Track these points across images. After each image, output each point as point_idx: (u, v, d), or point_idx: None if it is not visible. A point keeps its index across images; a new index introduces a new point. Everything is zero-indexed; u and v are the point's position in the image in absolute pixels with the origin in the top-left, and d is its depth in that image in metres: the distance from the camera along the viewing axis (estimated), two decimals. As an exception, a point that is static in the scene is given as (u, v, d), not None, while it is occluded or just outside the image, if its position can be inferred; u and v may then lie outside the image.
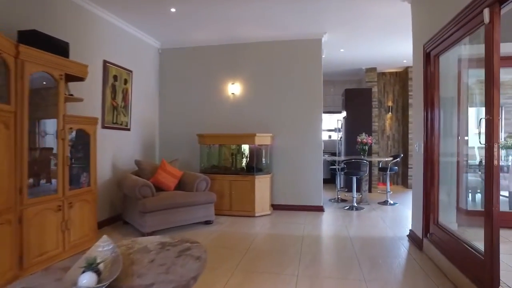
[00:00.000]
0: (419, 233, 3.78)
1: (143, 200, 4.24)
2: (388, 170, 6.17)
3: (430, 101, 3.54)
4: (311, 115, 5.76)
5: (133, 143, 5.52)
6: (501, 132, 8.37)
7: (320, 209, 5.72)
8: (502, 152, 5.43)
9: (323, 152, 9.32)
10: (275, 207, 5.81)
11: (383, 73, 8.90)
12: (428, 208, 3.57)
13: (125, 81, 5.26)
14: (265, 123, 5.89)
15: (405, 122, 8.51)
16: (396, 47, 6.73)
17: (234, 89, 5.99)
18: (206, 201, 4.82)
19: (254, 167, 5.40)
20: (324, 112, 9.94)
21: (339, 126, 8.20)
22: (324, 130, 9.91)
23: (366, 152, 6.35)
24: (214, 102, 6.10)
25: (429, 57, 3.58)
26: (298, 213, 5.60)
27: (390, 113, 8.82)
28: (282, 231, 4.54)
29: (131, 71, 5.38)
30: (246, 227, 4.76)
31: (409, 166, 8.21)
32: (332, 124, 9.16)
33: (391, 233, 4.41)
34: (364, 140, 6.25)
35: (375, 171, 8.23)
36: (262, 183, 5.43)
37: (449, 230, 3.16)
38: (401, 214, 5.52)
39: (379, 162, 7.09)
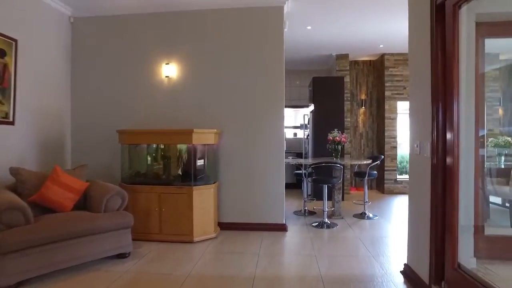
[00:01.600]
0: (423, 275, 2.54)
1: (1, 233, 2.69)
2: (367, 174, 4.98)
3: (447, 79, 2.30)
4: (271, 107, 4.42)
5: (20, 142, 3.89)
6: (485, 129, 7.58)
7: (281, 228, 4.40)
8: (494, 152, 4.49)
9: (287, 153, 8.07)
10: (223, 226, 4.42)
11: (356, 62, 7.78)
12: (441, 240, 2.33)
13: (2, 53, 3.63)
14: (211, 116, 4.48)
15: (380, 118, 7.43)
16: (372, 28, 5.57)
17: (169, 71, 4.52)
18: (118, 226, 3.33)
19: (192, 175, 3.97)
20: (289, 107, 8.72)
21: (306, 122, 6.96)
22: (289, 127, 8.67)
23: (340, 153, 5.13)
24: (144, 87, 4.60)
25: (442, 10, 2.34)
26: (253, 234, 4.24)
27: (363, 107, 7.72)
28: (226, 268, 3.16)
29: (14, 41, 3.76)
30: (176, 261, 3.33)
31: (386, 168, 7.13)
32: (299, 121, 7.92)
33: (377, 267, 3.16)
34: (337, 138, 5.02)
35: (347, 174, 7.09)
36: (204, 196, 4.01)
37: (483, 282, 1.93)
38: (384, 233, 4.32)
39: (355, 165, 5.90)
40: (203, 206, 4.01)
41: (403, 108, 7.48)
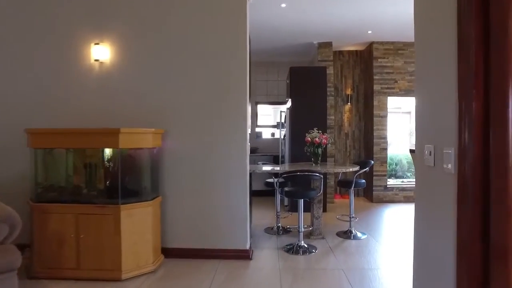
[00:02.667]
0: None
1: None
2: (353, 184, 4.05)
3: (493, 66, 1.33)
4: (231, 102, 3.45)
5: None
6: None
7: (244, 255, 3.43)
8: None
9: (263, 156, 7.14)
10: (169, 253, 3.42)
11: (341, 52, 6.87)
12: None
13: None
14: (155, 112, 3.48)
15: (368, 115, 6.54)
16: (359, 8, 4.66)
17: (100, 53, 3.49)
18: (-2, 268, 2.30)
19: (119, 189, 2.95)
20: (267, 103, 7.79)
21: (283, 120, 6.00)
22: (266, 126, 7.73)
23: (320, 158, 4.19)
24: (65, 74, 3.55)
25: None
26: (207, 264, 3.25)
27: (349, 103, 6.81)
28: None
29: None
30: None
31: (375, 173, 6.24)
32: (277, 119, 6.97)
33: (366, 324, 2.22)
34: (317, 139, 4.08)
35: (331, 180, 6.18)
36: (137, 216, 3.01)
37: None
38: (376, 262, 3.40)
39: (339, 175, 4.92)
40: (137, 230, 3.01)
41: (394, 104, 6.62)
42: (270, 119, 7.53)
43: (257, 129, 7.68)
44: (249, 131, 3.79)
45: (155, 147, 3.30)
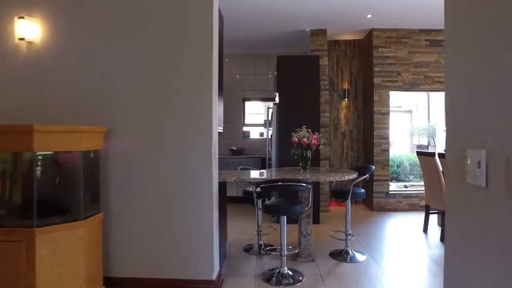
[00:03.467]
0: None
1: None
2: (349, 195, 3.30)
3: None
4: (191, 94, 2.70)
5: None
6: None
7: (210, 287, 2.68)
8: None
9: (249, 158, 6.41)
10: (114, 283, 2.67)
11: (336, 42, 6.13)
12: None
13: None
14: (97, 107, 2.73)
15: (368, 112, 5.81)
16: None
17: (26, 30, 2.73)
18: None
19: (34, 206, 2.19)
20: (256, 99, 7.06)
21: (269, 118, 5.26)
22: (255, 125, 7.00)
23: (309, 162, 3.45)
24: (-15, 58, 2.80)
25: None
26: (158, 302, 2.51)
27: (346, 99, 6.07)
28: None
29: None
30: None
31: (376, 178, 5.50)
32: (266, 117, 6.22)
33: None
34: (305, 139, 3.33)
35: (325, 186, 5.44)
36: (63, 242, 2.26)
37: None
38: (376, 294, 2.66)
39: (333, 182, 4.07)
40: (62, 260, 2.26)
41: (394, 103, 5.88)
42: (260, 117, 6.79)
43: (245, 128, 6.94)
44: (218, 130, 3.06)
45: (94, 150, 2.56)
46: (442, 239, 3.83)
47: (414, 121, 13.42)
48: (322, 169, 3.88)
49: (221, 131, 3.31)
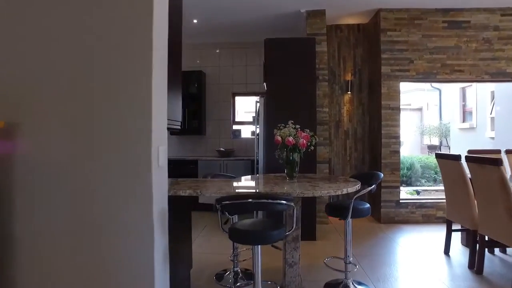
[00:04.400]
0: None
1: None
2: (349, 213, 2.49)
3: None
4: (123, 86, 1.92)
5: None
6: None
7: None
8: None
9: (238, 160, 5.60)
10: None
11: (338, 27, 5.31)
12: None
13: None
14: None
15: (375, 107, 4.98)
16: None
17: None
18: None
19: None
20: (247, 94, 6.28)
21: (256, 114, 4.47)
22: (246, 123, 6.24)
23: (297, 168, 2.65)
24: None
25: None
26: None
27: (349, 92, 5.25)
28: None
29: None
30: None
31: (384, 185, 4.67)
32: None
33: None
34: (290, 139, 2.53)
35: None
36: None
37: None
38: None
39: (330, 197, 3.19)
40: None
41: (402, 100, 5.04)
42: (249, 113, 6.01)
43: (235, 127, 6.17)
44: (174, 126, 2.30)
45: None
46: (471, 266, 3.00)
47: (425, 119, 12.52)
48: (316, 177, 3.08)
49: (178, 127, 2.53)
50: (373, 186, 2.56)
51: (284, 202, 1.96)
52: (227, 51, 6.05)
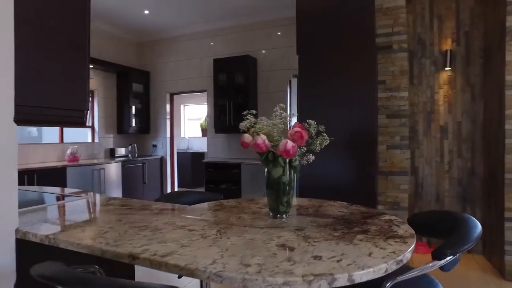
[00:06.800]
0: None
1: None
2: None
3: None
4: None
5: None
6: None
7: None
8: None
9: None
10: None
11: (431, -28, 3.58)
12: None
13: None
14: None
15: (494, 88, 3.12)
16: None
17: None
18: None
19: None
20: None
21: (288, 99, 3.18)
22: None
23: (289, 197, 1.38)
24: None
25: None
26: None
27: (448, 68, 3.47)
28: None
29: None
30: None
31: (510, 216, 2.82)
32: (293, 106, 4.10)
33: None
34: (260, 141, 1.28)
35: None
36: None
37: None
38: None
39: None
40: None
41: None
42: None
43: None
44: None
45: None
46: None
47: None
48: (338, 211, 1.68)
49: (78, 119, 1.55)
50: (448, 257, 1.08)
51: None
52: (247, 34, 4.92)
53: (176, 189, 5.94)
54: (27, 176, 3.69)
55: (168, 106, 5.77)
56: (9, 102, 1.25)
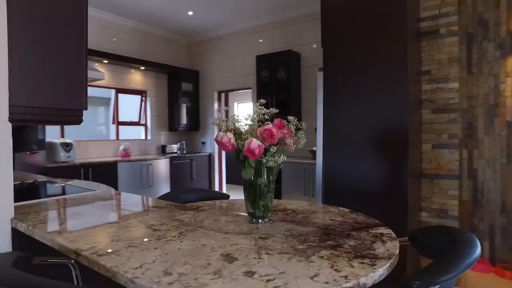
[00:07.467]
0: None
1: None
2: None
3: None
4: None
5: None
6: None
7: None
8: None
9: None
10: None
11: None
12: None
13: None
14: None
15: None
16: None
17: None
18: None
19: None
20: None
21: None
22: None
23: (268, 201, 1.26)
24: None
25: None
26: None
27: (517, 54, 2.91)
28: None
29: None
30: None
31: None
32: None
33: None
34: (225, 139, 1.18)
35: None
36: None
37: None
38: None
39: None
40: None
41: None
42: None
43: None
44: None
45: None
46: None
47: None
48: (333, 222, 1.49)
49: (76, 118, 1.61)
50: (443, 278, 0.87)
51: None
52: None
53: (224, 185, 6.05)
54: (83, 170, 4.07)
55: (216, 104, 5.89)
56: (3, 103, 1.35)
